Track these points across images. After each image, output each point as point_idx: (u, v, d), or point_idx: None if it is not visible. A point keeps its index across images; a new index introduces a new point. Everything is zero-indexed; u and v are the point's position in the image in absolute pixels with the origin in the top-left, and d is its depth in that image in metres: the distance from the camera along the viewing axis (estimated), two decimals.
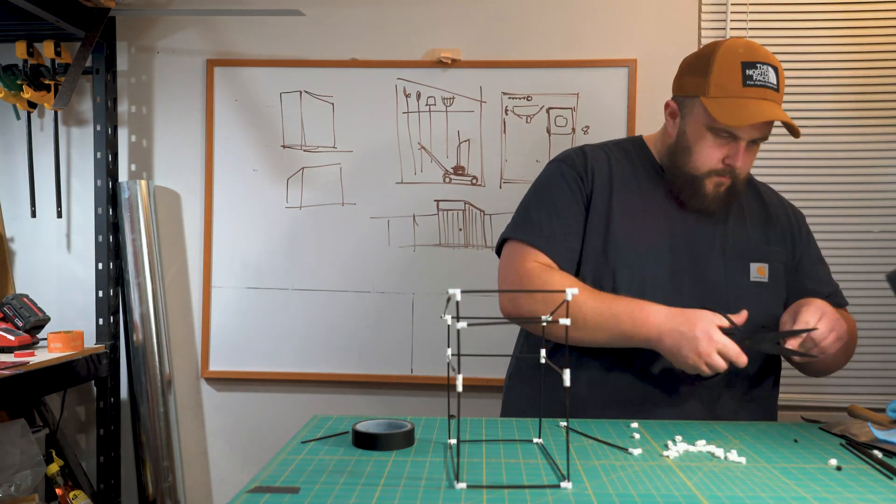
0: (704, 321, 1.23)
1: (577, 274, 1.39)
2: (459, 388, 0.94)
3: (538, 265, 1.36)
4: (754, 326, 1.33)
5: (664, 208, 1.41)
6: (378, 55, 2.24)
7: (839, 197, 2.17)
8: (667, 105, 1.45)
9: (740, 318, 1.27)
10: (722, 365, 1.22)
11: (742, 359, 1.22)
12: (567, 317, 0.96)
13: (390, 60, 2.23)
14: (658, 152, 1.47)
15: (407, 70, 2.22)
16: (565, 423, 1.19)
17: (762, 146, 2.13)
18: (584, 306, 1.29)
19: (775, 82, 1.32)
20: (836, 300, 1.47)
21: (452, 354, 0.96)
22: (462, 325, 0.90)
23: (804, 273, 1.48)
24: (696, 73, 1.36)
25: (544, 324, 1.04)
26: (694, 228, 1.40)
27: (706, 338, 1.22)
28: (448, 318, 0.93)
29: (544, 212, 1.41)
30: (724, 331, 1.24)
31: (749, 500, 0.90)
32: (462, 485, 0.93)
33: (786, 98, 2.16)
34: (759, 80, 1.30)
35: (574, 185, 1.42)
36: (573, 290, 0.94)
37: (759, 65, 1.31)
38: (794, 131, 1.34)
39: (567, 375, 0.92)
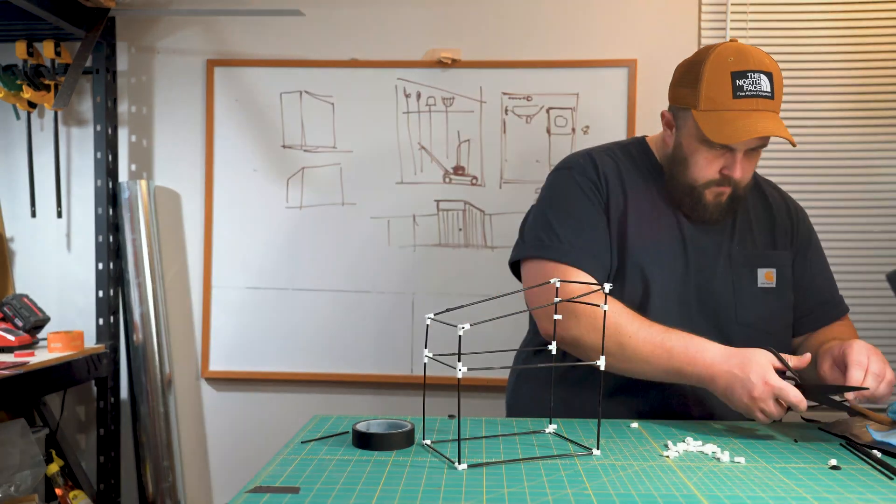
0: (760, 364, 1.15)
1: None
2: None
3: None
4: (764, 333, 1.33)
5: (673, 214, 1.39)
6: (378, 55, 2.24)
7: (839, 197, 2.17)
8: (662, 115, 1.41)
9: (802, 360, 1.19)
10: (776, 412, 1.15)
11: (802, 404, 1.13)
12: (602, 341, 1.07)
13: (390, 60, 2.23)
14: (661, 156, 1.44)
15: (407, 70, 2.22)
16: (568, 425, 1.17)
17: (769, 147, 2.15)
18: (635, 336, 1.23)
19: (769, 90, 1.26)
20: (841, 308, 1.46)
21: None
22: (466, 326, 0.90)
23: (804, 273, 1.45)
24: (687, 83, 1.32)
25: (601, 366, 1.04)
26: (701, 235, 1.38)
27: (761, 382, 1.14)
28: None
29: (570, 227, 1.34)
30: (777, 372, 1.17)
31: (749, 500, 0.90)
32: (463, 466, 0.95)
33: (786, 99, 2.16)
34: (751, 91, 1.25)
35: (592, 195, 1.37)
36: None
37: (749, 74, 1.25)
38: (790, 142, 1.29)
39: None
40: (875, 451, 1.10)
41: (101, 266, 2.21)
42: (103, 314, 2.21)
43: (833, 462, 1.05)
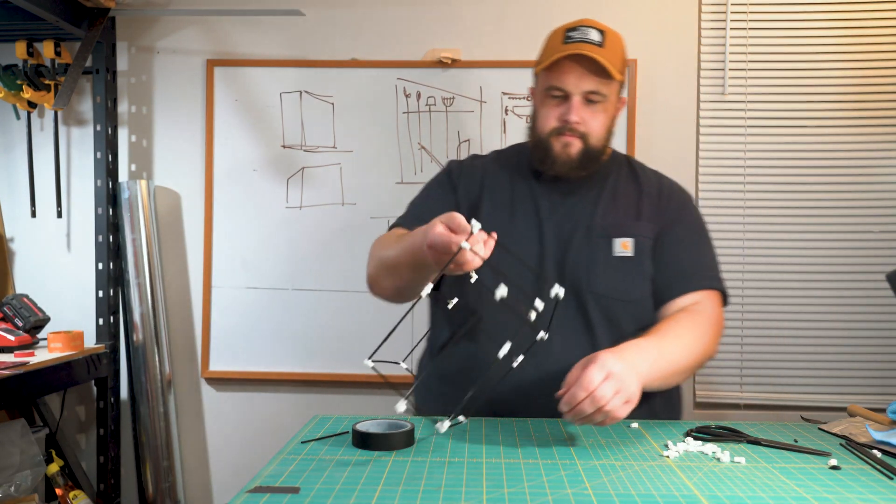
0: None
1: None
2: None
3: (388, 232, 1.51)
4: (620, 302, 1.38)
5: (535, 200, 1.47)
6: (378, 55, 2.24)
7: (839, 197, 2.17)
8: (529, 93, 1.57)
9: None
10: (444, 230, 1.17)
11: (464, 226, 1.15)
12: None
13: (390, 60, 2.23)
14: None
15: (407, 70, 2.22)
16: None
17: (769, 147, 2.16)
18: (392, 240, 1.42)
19: (598, 39, 1.39)
20: (698, 282, 1.42)
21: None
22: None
23: (668, 247, 1.44)
24: (539, 55, 1.49)
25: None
26: (564, 214, 1.45)
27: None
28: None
29: (414, 205, 1.55)
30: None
31: (749, 500, 0.90)
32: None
33: (786, 99, 2.17)
34: (578, 38, 1.40)
35: (443, 183, 1.54)
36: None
37: (580, 27, 1.41)
38: (606, 72, 1.37)
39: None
40: (875, 451, 1.10)
41: (101, 266, 2.21)
42: (103, 314, 2.21)
43: (833, 462, 1.05)
